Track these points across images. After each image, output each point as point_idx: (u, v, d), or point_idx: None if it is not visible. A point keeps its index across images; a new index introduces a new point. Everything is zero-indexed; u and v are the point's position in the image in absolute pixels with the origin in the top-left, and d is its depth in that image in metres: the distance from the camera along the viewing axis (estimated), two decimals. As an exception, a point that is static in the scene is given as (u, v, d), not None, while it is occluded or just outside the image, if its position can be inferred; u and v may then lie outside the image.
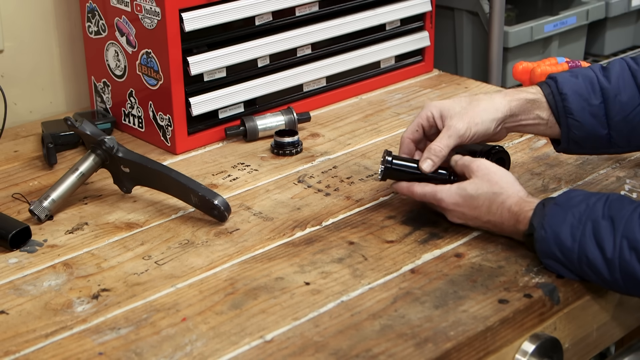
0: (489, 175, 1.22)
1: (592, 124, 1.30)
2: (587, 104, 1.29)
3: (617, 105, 1.29)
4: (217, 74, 1.58)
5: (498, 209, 1.20)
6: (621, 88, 1.29)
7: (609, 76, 1.31)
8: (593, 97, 1.29)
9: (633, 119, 1.30)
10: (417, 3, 1.83)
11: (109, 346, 1.05)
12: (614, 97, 1.29)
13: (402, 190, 1.28)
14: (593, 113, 1.29)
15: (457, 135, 1.27)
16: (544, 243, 1.14)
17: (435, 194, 1.24)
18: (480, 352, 1.07)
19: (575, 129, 1.30)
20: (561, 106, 1.30)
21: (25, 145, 1.61)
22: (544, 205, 1.16)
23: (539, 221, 1.15)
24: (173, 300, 1.13)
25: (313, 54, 1.71)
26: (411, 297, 1.13)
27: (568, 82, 1.30)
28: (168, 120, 1.55)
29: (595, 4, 2.25)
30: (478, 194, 1.21)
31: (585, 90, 1.30)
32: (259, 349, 1.04)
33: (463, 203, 1.22)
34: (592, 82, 1.30)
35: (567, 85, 1.30)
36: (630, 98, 1.29)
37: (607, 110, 1.30)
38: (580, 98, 1.29)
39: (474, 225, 1.25)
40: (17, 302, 1.14)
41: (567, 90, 1.29)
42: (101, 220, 1.34)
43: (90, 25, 1.64)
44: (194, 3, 1.51)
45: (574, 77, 1.31)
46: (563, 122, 1.31)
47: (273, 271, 1.19)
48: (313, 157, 1.53)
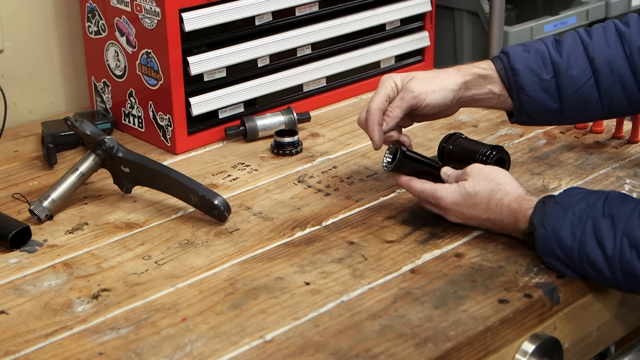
0: (485, 173, 1.23)
1: (544, 98, 1.32)
2: (538, 78, 1.31)
3: (568, 79, 1.31)
4: (217, 74, 1.58)
5: (497, 205, 1.20)
6: (572, 62, 1.31)
7: (561, 50, 1.32)
8: (544, 72, 1.31)
9: (584, 93, 1.31)
10: (417, 3, 1.83)
11: (109, 346, 1.05)
12: (565, 71, 1.31)
13: (401, 183, 1.28)
14: (544, 87, 1.31)
15: (412, 97, 1.29)
16: (544, 241, 1.14)
17: (434, 192, 1.24)
18: (480, 352, 1.07)
19: (527, 103, 1.32)
20: (513, 81, 1.32)
21: (25, 145, 1.61)
22: (544, 203, 1.16)
23: (539, 219, 1.15)
24: (173, 300, 1.13)
25: (313, 54, 1.71)
26: (411, 297, 1.13)
27: (520, 57, 1.32)
28: (168, 120, 1.55)
29: (595, 4, 2.25)
30: (476, 190, 1.21)
31: (537, 64, 1.31)
32: (259, 349, 1.04)
33: (462, 202, 1.22)
34: (544, 57, 1.32)
35: (519, 60, 1.31)
36: (581, 72, 1.31)
37: (559, 85, 1.31)
38: (532, 73, 1.31)
39: (473, 224, 1.25)
40: (17, 302, 1.14)
41: (519, 65, 1.31)
42: (101, 220, 1.34)
43: (90, 25, 1.64)
44: (194, 3, 1.51)
45: (525, 52, 1.32)
46: (515, 97, 1.33)
47: (273, 271, 1.19)
48: (313, 157, 1.53)
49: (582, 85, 1.31)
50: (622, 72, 1.31)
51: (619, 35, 1.32)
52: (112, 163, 1.36)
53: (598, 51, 1.31)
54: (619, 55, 1.31)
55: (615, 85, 1.31)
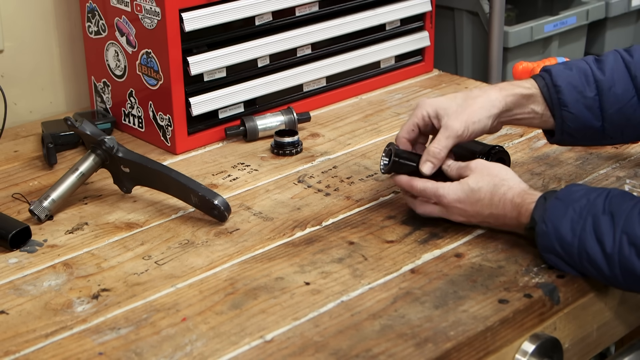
0: (488, 169, 1.23)
1: (587, 116, 1.30)
2: (581, 96, 1.30)
3: (611, 97, 1.30)
4: (217, 74, 1.58)
5: (500, 200, 1.20)
6: (615, 80, 1.30)
7: (603, 68, 1.31)
8: (587, 90, 1.30)
9: (627, 111, 1.30)
10: (417, 3, 1.83)
11: (109, 346, 1.05)
12: (609, 89, 1.29)
13: (402, 183, 1.28)
14: (587, 105, 1.30)
15: (455, 136, 1.27)
16: (544, 237, 1.14)
17: (436, 190, 1.24)
18: (480, 352, 1.07)
19: (570, 121, 1.31)
20: (555, 98, 1.30)
21: (25, 145, 1.61)
22: (545, 198, 1.16)
23: (540, 215, 1.15)
24: (173, 300, 1.13)
25: (313, 54, 1.71)
26: (411, 297, 1.13)
27: (562, 74, 1.31)
28: (168, 120, 1.55)
29: (595, 4, 2.25)
30: (479, 186, 1.21)
31: (580, 82, 1.30)
32: (259, 349, 1.04)
33: (465, 198, 1.22)
34: (587, 75, 1.31)
35: (562, 77, 1.30)
36: (625, 90, 1.30)
37: (602, 103, 1.30)
38: (575, 90, 1.30)
39: (475, 222, 1.25)
40: (17, 302, 1.14)
41: (562, 82, 1.30)
42: (101, 220, 1.34)
43: (90, 25, 1.64)
44: (194, 3, 1.51)
45: (568, 69, 1.31)
46: (557, 115, 1.31)
47: (273, 271, 1.19)
48: (313, 157, 1.53)
49: (625, 104, 1.30)
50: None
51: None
52: (112, 163, 1.36)
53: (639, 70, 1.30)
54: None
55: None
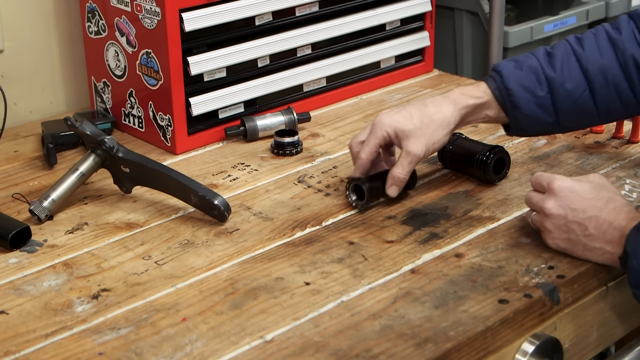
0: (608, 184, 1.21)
1: (540, 114, 1.32)
2: (533, 96, 1.31)
3: (563, 93, 1.30)
4: (217, 74, 1.58)
5: (615, 209, 1.16)
6: (566, 76, 1.30)
7: (554, 63, 1.31)
8: (538, 89, 1.31)
9: (580, 104, 1.31)
10: (417, 3, 1.83)
11: (109, 346, 1.05)
12: (560, 85, 1.30)
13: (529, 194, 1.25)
14: (540, 104, 1.31)
15: (417, 159, 1.30)
16: (635, 274, 1.11)
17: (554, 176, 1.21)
18: (480, 352, 1.07)
19: (523, 120, 1.32)
20: (508, 101, 1.31)
21: (25, 145, 1.61)
22: (638, 230, 1.11)
23: (632, 248, 1.11)
24: (173, 300, 1.13)
25: (313, 54, 1.71)
26: (411, 297, 1.13)
27: (513, 76, 1.31)
28: (168, 120, 1.55)
29: (595, 4, 2.25)
30: (599, 190, 1.18)
31: (530, 82, 1.31)
32: (259, 349, 1.04)
33: (580, 191, 1.18)
34: (537, 73, 1.31)
35: (512, 79, 1.31)
36: (576, 85, 1.30)
37: (554, 100, 1.31)
38: (526, 91, 1.31)
39: (570, 219, 1.17)
40: (17, 302, 1.14)
41: (512, 85, 1.31)
42: (101, 220, 1.34)
43: (90, 25, 1.64)
44: (194, 3, 1.51)
45: (518, 69, 1.32)
46: (511, 115, 1.33)
47: (273, 271, 1.19)
48: (313, 157, 1.53)
49: (577, 98, 1.31)
50: (617, 80, 1.30)
51: (611, 42, 1.31)
52: (112, 163, 1.36)
53: (591, 62, 1.30)
54: (613, 63, 1.30)
55: (611, 93, 1.31)
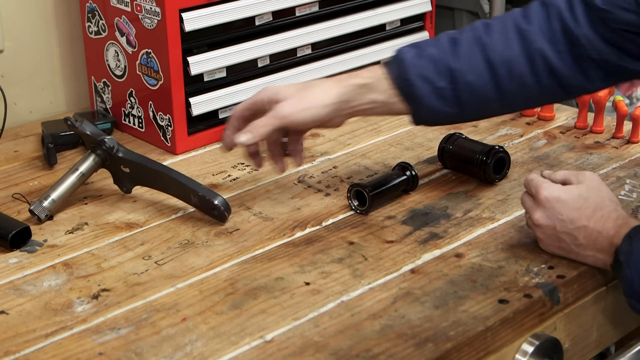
0: (601, 186, 1.19)
1: (440, 106, 1.26)
2: (433, 87, 1.25)
3: (464, 85, 1.25)
4: (217, 74, 1.58)
5: (602, 217, 1.15)
6: (469, 66, 1.24)
7: (457, 52, 1.25)
8: (439, 79, 1.24)
9: (482, 95, 1.25)
10: (417, 3, 1.83)
11: (109, 346, 1.05)
12: (462, 77, 1.24)
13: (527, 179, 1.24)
14: (440, 95, 1.25)
15: (281, 117, 1.25)
16: (629, 284, 1.10)
17: (540, 183, 1.19)
18: (480, 352, 1.07)
19: (424, 112, 1.27)
20: (407, 92, 1.26)
21: (25, 145, 1.61)
22: (630, 238, 1.10)
23: (625, 258, 1.10)
24: (173, 300, 1.13)
25: (313, 54, 1.70)
26: (411, 297, 1.13)
27: (413, 65, 1.25)
28: (168, 120, 1.55)
29: (595, 4, 2.25)
30: (587, 196, 1.17)
31: (431, 72, 1.24)
32: (259, 349, 1.04)
33: (567, 200, 1.17)
34: (438, 63, 1.25)
35: (412, 70, 1.25)
36: (479, 76, 1.24)
37: (456, 91, 1.25)
38: (426, 82, 1.24)
39: (559, 229, 1.17)
40: (17, 302, 1.14)
41: (412, 75, 1.25)
42: (101, 220, 1.34)
43: (90, 25, 1.64)
44: (194, 3, 1.51)
45: (418, 58, 1.25)
46: (412, 106, 1.27)
47: (273, 271, 1.19)
48: (313, 157, 1.53)
49: (480, 89, 1.24)
50: (522, 73, 1.23)
51: (519, 33, 1.24)
52: (112, 163, 1.36)
53: (496, 52, 1.24)
54: (519, 56, 1.23)
55: (515, 86, 1.24)
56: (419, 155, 1.52)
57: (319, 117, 1.26)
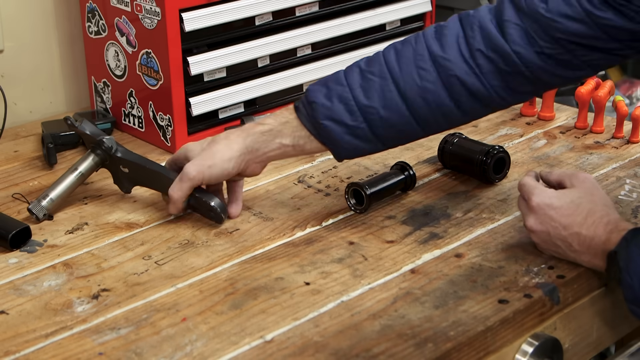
0: (594, 188, 1.18)
1: (357, 143, 1.25)
2: (346, 128, 1.23)
3: (378, 121, 1.22)
4: (217, 74, 1.58)
5: (594, 223, 1.14)
6: (382, 102, 1.22)
7: (368, 89, 1.22)
8: (351, 120, 1.23)
9: (399, 126, 1.23)
10: (417, 3, 1.83)
11: (109, 346, 1.05)
12: (375, 113, 1.22)
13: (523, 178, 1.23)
14: (355, 134, 1.24)
15: (188, 179, 1.26)
16: (630, 290, 1.09)
17: (531, 189, 1.19)
18: (480, 352, 1.07)
19: (342, 150, 1.26)
20: (322, 134, 1.25)
21: (25, 145, 1.61)
22: (627, 240, 1.10)
23: (625, 263, 1.09)
24: (173, 300, 1.13)
25: (313, 54, 1.70)
26: (411, 297, 1.13)
27: (324, 107, 1.23)
28: (168, 120, 1.55)
29: (595, 4, 2.24)
30: (580, 202, 1.16)
31: (342, 114, 1.23)
32: (259, 349, 1.04)
33: (559, 207, 1.16)
34: (348, 103, 1.22)
35: (323, 112, 1.23)
36: (394, 110, 1.22)
37: (370, 127, 1.23)
38: (339, 124, 1.23)
39: (553, 235, 1.17)
40: (17, 302, 1.14)
41: (324, 118, 1.23)
42: (101, 220, 1.34)
43: (90, 25, 1.64)
44: (194, 3, 1.51)
45: (328, 101, 1.23)
46: (330, 147, 1.26)
47: (273, 271, 1.19)
48: (313, 157, 1.53)
49: (396, 123, 1.23)
50: (440, 101, 1.21)
51: (434, 61, 1.20)
52: (112, 163, 1.36)
53: (411, 85, 1.21)
54: (435, 84, 1.20)
55: (434, 114, 1.22)
56: (418, 155, 1.52)
57: (227, 171, 1.27)
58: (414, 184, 1.39)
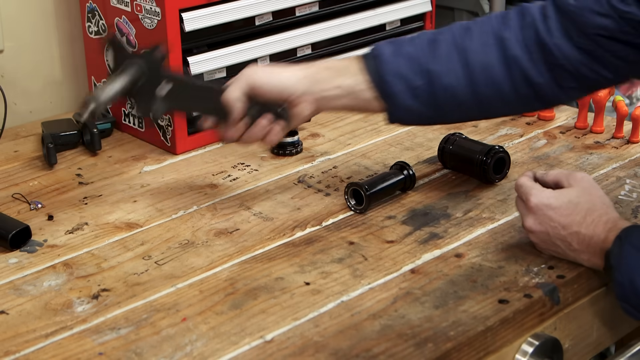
0: (592, 187, 1.18)
1: (415, 106, 1.25)
2: (409, 86, 1.23)
3: (441, 87, 1.23)
4: (217, 74, 1.58)
5: (593, 222, 1.14)
6: (446, 69, 1.23)
7: (436, 54, 1.24)
8: (416, 79, 1.23)
9: (458, 98, 1.24)
10: (417, 3, 1.83)
11: (109, 346, 1.05)
12: (439, 78, 1.23)
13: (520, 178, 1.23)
14: (416, 95, 1.24)
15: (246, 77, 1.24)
16: (620, 287, 1.10)
17: (529, 190, 1.19)
18: (480, 352, 1.07)
19: (398, 110, 1.26)
20: (383, 89, 1.24)
21: (25, 145, 1.61)
22: (621, 239, 1.10)
23: (617, 261, 1.10)
24: (173, 300, 1.13)
25: (313, 54, 1.70)
26: (411, 297, 1.13)
27: (390, 62, 1.24)
28: (168, 120, 1.55)
29: (595, 4, 2.25)
30: (578, 201, 1.16)
31: (408, 70, 1.23)
32: (259, 349, 1.04)
33: (557, 207, 1.16)
34: (416, 62, 1.23)
35: (389, 66, 1.24)
36: (456, 79, 1.23)
37: (432, 92, 1.24)
38: (402, 80, 1.23)
39: (552, 235, 1.17)
40: (17, 302, 1.14)
41: (388, 73, 1.23)
42: (101, 220, 1.34)
43: (90, 25, 1.64)
44: (194, 3, 1.51)
45: (396, 56, 1.24)
46: (387, 104, 1.25)
47: (273, 271, 1.19)
48: (313, 157, 1.53)
49: (456, 92, 1.23)
50: (499, 79, 1.22)
51: (497, 39, 1.22)
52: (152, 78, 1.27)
53: (475, 57, 1.22)
54: (496, 62, 1.22)
55: (492, 91, 1.23)
56: (418, 155, 1.52)
57: (285, 88, 1.24)
58: (414, 183, 1.39)
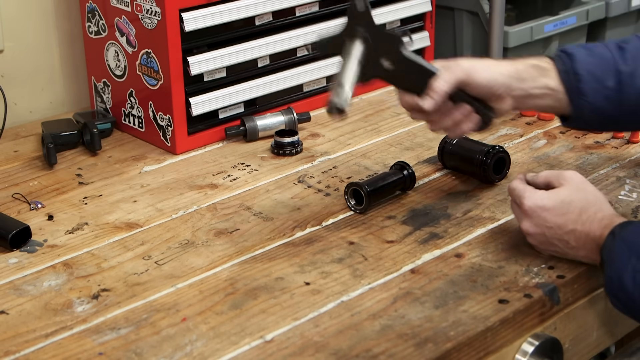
0: (584, 184, 1.19)
1: (605, 107, 1.25)
2: (601, 86, 1.24)
3: (631, 89, 1.24)
4: (217, 74, 1.58)
5: (588, 219, 1.15)
6: (637, 71, 1.24)
7: (626, 57, 1.24)
8: (608, 79, 1.24)
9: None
10: (417, 3, 1.83)
11: (109, 346, 1.05)
12: (630, 80, 1.24)
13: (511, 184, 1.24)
14: (607, 96, 1.24)
15: (460, 69, 1.21)
16: (610, 282, 1.11)
17: (522, 193, 1.19)
18: (480, 352, 1.07)
19: (587, 110, 1.25)
20: (574, 87, 1.24)
21: (25, 145, 1.61)
22: (614, 234, 1.11)
23: (608, 257, 1.10)
24: (173, 300, 1.13)
25: (313, 54, 1.70)
26: (411, 297, 1.13)
27: (583, 60, 1.24)
28: (168, 120, 1.55)
29: (595, 4, 2.25)
30: (571, 199, 1.16)
31: (601, 71, 1.24)
32: (259, 349, 1.04)
33: (551, 208, 1.17)
34: (608, 63, 1.24)
35: (583, 64, 1.24)
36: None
37: (622, 94, 1.24)
38: (595, 79, 1.24)
39: (549, 236, 1.17)
40: (17, 302, 1.14)
41: (582, 70, 1.24)
42: (101, 220, 1.34)
43: (90, 25, 1.64)
44: (194, 3, 1.51)
45: (590, 56, 1.25)
46: (575, 103, 1.25)
47: (273, 271, 1.19)
48: (313, 157, 1.53)
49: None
50: None
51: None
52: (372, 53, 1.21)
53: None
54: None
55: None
56: (418, 155, 1.52)
57: (495, 82, 1.22)
58: (414, 183, 1.39)
